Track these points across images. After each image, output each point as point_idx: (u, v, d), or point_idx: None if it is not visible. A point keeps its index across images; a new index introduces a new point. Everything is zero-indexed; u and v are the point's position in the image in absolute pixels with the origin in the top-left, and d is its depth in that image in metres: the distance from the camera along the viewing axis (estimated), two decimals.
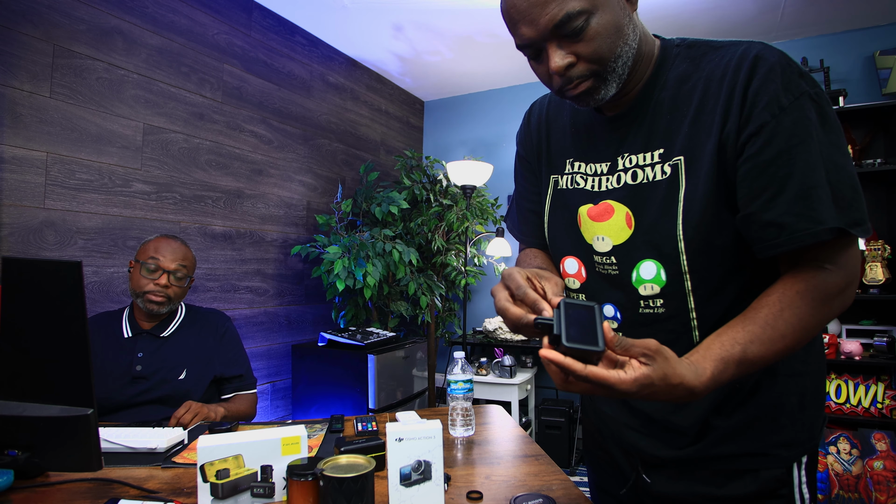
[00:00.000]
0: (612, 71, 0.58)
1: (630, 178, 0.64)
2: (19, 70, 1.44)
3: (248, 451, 0.67)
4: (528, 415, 2.74)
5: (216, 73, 2.03)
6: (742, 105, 0.55)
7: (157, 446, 0.89)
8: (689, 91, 0.60)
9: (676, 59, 0.63)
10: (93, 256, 1.62)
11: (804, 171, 0.53)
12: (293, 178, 2.40)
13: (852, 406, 2.14)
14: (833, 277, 0.54)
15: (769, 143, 0.54)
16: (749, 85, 0.55)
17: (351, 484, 0.57)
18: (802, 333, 0.53)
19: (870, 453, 2.03)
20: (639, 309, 0.65)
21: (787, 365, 0.63)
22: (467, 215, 2.65)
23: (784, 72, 0.54)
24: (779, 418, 0.63)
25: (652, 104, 0.63)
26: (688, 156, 0.60)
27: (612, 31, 0.56)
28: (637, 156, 0.64)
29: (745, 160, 0.56)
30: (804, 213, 0.52)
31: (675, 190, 0.60)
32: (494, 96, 3.26)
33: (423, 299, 2.49)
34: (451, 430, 1.02)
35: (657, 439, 0.68)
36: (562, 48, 0.56)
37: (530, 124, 0.80)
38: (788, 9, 2.26)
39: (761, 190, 0.55)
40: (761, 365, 0.53)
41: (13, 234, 1.43)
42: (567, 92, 0.60)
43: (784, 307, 0.53)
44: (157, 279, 1.27)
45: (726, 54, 0.58)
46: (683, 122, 0.60)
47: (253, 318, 2.19)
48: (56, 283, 0.66)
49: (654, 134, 0.63)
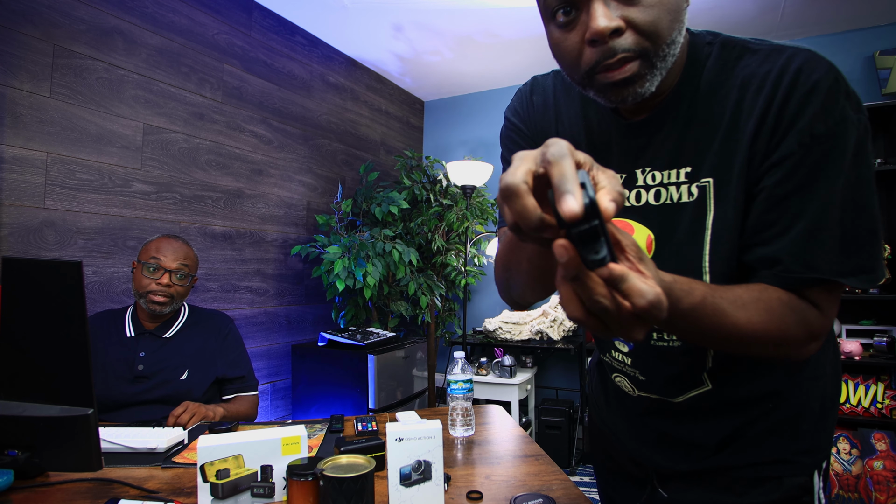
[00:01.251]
0: (662, 57, 0.47)
1: (653, 198, 0.57)
2: (19, 70, 1.44)
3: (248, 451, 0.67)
4: (527, 415, 2.74)
5: (216, 73, 2.03)
6: (775, 126, 0.49)
7: (157, 446, 0.89)
8: (722, 101, 0.53)
9: (708, 59, 0.54)
10: (93, 256, 1.62)
11: (817, 211, 0.48)
12: (293, 178, 2.40)
13: (852, 406, 2.14)
14: (812, 317, 0.50)
15: (789, 176, 0.48)
16: (786, 104, 0.48)
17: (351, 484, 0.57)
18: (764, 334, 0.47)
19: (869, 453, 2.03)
20: (651, 340, 0.61)
21: (810, 368, 0.61)
22: (467, 215, 2.65)
23: (828, 93, 0.47)
24: (801, 424, 0.61)
25: (681, 113, 0.54)
26: (718, 178, 0.53)
27: (673, 8, 0.46)
28: (662, 173, 0.56)
29: (761, 190, 0.50)
30: (800, 256, 0.48)
31: (703, 215, 0.54)
32: (494, 96, 3.26)
33: (423, 299, 2.49)
34: (451, 430, 1.02)
35: (673, 453, 0.66)
36: (610, 7, 0.45)
37: (533, 103, 0.67)
38: (788, 9, 2.26)
39: (768, 225, 0.50)
40: (719, 326, 0.46)
41: (13, 234, 1.43)
42: (602, 72, 0.47)
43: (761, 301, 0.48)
44: (158, 279, 1.27)
45: (766, 62, 0.50)
46: (714, 139, 0.53)
47: (253, 318, 2.19)
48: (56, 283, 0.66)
49: (682, 149, 0.55)
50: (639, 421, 0.69)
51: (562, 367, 2.96)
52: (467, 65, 2.88)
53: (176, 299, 1.31)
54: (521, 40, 2.55)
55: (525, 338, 2.71)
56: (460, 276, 2.74)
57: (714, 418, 0.62)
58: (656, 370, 0.63)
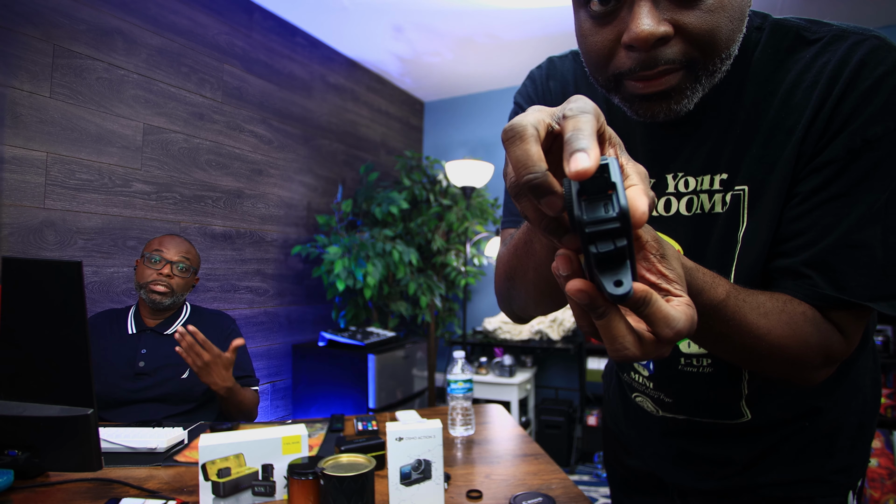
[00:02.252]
0: (710, 72, 0.40)
1: (685, 208, 0.49)
2: (19, 70, 1.44)
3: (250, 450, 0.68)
4: (527, 414, 2.74)
5: (216, 73, 2.03)
6: (826, 127, 0.42)
7: (157, 446, 0.89)
8: (767, 97, 0.45)
9: (756, 48, 0.45)
10: (93, 256, 1.62)
11: (854, 225, 0.41)
12: (293, 179, 2.40)
13: None
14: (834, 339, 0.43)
15: (828, 183, 0.42)
16: (842, 101, 0.41)
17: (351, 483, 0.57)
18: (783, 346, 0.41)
19: None
20: (678, 366, 0.54)
21: (850, 379, 0.55)
22: (467, 215, 2.65)
23: (894, 90, 0.40)
24: (838, 440, 0.55)
25: (721, 112, 0.47)
26: (753, 185, 0.45)
27: (738, 14, 0.39)
28: (696, 179, 0.48)
29: (795, 195, 0.44)
30: (831, 274, 0.42)
31: (735, 228, 0.47)
32: (494, 97, 3.26)
33: (423, 299, 2.49)
34: (450, 430, 1.02)
35: (697, 472, 0.60)
36: (659, 8, 0.37)
37: (550, 89, 0.58)
38: (785, 11, 2.26)
39: (797, 233, 0.44)
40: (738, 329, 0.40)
41: (13, 234, 1.43)
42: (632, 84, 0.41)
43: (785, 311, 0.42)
44: (160, 269, 1.30)
45: (823, 53, 0.43)
46: (753, 141, 0.45)
47: (253, 318, 2.19)
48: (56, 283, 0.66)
49: (721, 153, 0.47)
50: (661, 440, 0.64)
51: (561, 367, 2.96)
52: (467, 66, 2.88)
53: (176, 292, 1.32)
54: (520, 41, 2.56)
55: (525, 338, 2.71)
56: (460, 276, 2.75)
57: (747, 438, 0.56)
58: (684, 394, 0.57)
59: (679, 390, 0.57)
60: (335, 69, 2.69)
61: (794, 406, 0.55)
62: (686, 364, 0.54)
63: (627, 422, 0.70)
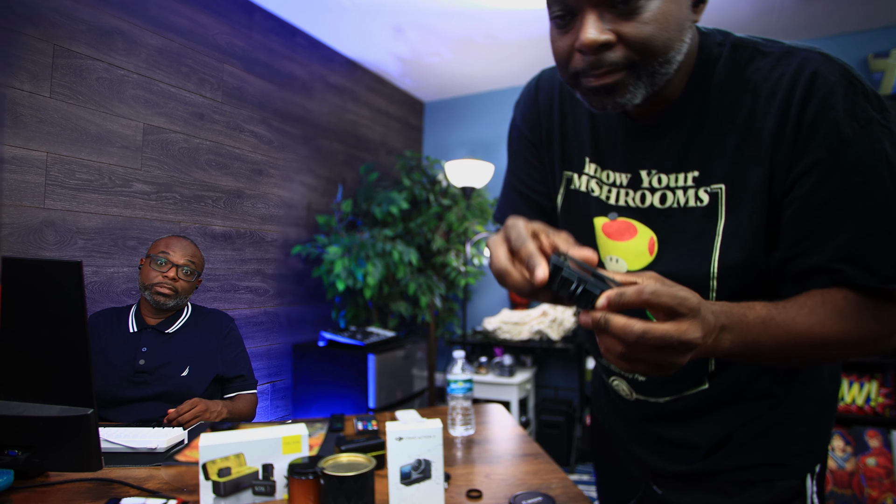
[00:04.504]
0: (651, 73, 0.47)
1: (658, 201, 0.56)
2: (19, 70, 1.44)
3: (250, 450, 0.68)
4: (527, 414, 2.74)
5: (216, 73, 2.03)
6: (796, 134, 0.47)
7: (158, 446, 0.89)
8: (732, 106, 0.51)
9: (718, 61, 0.53)
10: (93, 256, 1.62)
11: (863, 214, 0.45)
12: (293, 179, 2.40)
13: (846, 404, 2.15)
14: (886, 309, 0.47)
15: (822, 183, 0.46)
16: (804, 109, 0.46)
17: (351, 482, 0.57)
18: (842, 336, 0.46)
19: (863, 450, 2.04)
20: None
21: (805, 371, 0.60)
22: (467, 215, 2.65)
23: (847, 94, 0.45)
24: (794, 427, 0.60)
25: (689, 118, 0.53)
26: (730, 184, 0.51)
27: (673, 26, 0.46)
28: (668, 176, 0.55)
29: (794, 199, 0.48)
30: (857, 262, 0.45)
31: (713, 222, 0.53)
32: (494, 97, 3.26)
33: (422, 299, 2.49)
34: (450, 430, 1.02)
35: (668, 456, 0.66)
36: (603, 20, 0.45)
37: (538, 101, 0.67)
38: (784, 11, 2.27)
39: (808, 235, 0.47)
40: (794, 337, 0.45)
41: (13, 234, 1.43)
42: (585, 80, 0.48)
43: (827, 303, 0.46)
44: (166, 272, 1.30)
45: (777, 66, 0.49)
46: (725, 145, 0.52)
47: (253, 318, 2.19)
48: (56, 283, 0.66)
49: (689, 153, 0.54)
50: (636, 425, 0.69)
51: (561, 367, 2.96)
52: (467, 66, 2.88)
53: (180, 295, 1.33)
54: (520, 42, 2.56)
55: (525, 338, 2.71)
56: (460, 276, 2.75)
57: (709, 419, 0.62)
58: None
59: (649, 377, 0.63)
60: (335, 69, 2.69)
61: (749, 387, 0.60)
62: None
63: (609, 410, 0.76)
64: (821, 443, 0.62)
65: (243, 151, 2.15)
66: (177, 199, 1.88)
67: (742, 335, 0.44)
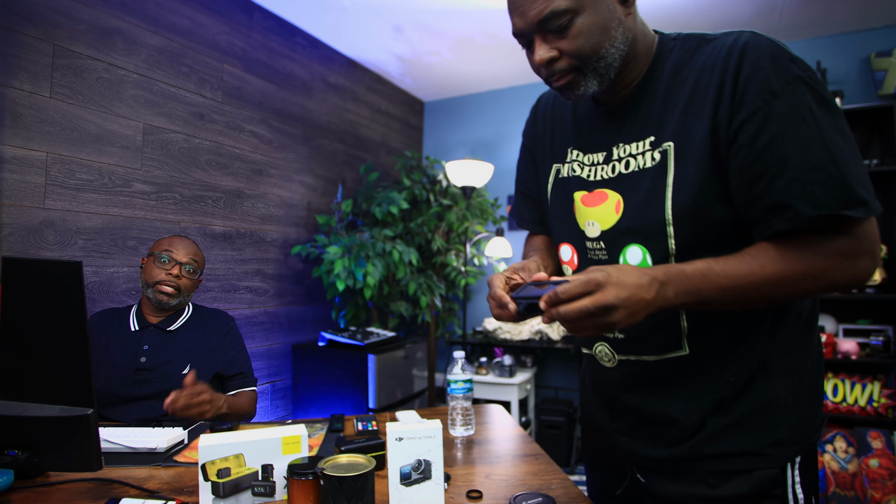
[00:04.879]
0: (592, 69, 0.61)
1: (623, 168, 0.66)
2: (19, 70, 1.44)
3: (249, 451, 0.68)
4: (527, 414, 2.74)
5: (216, 73, 2.03)
6: (733, 91, 0.56)
7: (157, 446, 0.89)
8: (682, 81, 0.62)
9: (672, 52, 0.64)
10: (93, 256, 1.62)
11: (802, 152, 0.53)
12: (293, 179, 2.40)
13: (849, 405, 2.15)
14: (836, 242, 0.54)
15: (763, 128, 0.54)
16: (739, 71, 0.56)
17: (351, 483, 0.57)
18: (787, 273, 0.53)
19: (866, 451, 2.03)
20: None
21: (781, 363, 0.63)
22: (467, 215, 2.65)
23: (775, 57, 0.55)
24: (773, 416, 0.63)
25: (647, 96, 0.65)
26: (677, 142, 0.61)
27: (597, 32, 0.59)
28: (630, 145, 0.66)
29: (740, 147, 0.56)
30: (804, 196, 0.52)
31: (664, 176, 0.61)
32: (494, 97, 3.26)
33: (423, 299, 2.49)
34: (451, 430, 1.02)
35: (649, 440, 0.69)
36: (547, 42, 0.61)
37: (536, 116, 0.84)
38: (786, 10, 2.26)
39: (759, 175, 0.55)
40: (736, 283, 0.54)
41: (13, 234, 1.43)
42: (551, 83, 0.65)
43: (770, 248, 0.55)
44: (169, 269, 1.31)
45: (718, 44, 0.59)
46: (675, 111, 0.62)
47: (253, 318, 2.19)
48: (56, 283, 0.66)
49: (646, 123, 0.65)
50: (619, 403, 0.72)
51: (561, 367, 2.96)
52: (467, 65, 2.88)
53: (182, 293, 1.34)
54: None
55: (525, 338, 2.71)
56: (460, 276, 2.75)
57: (685, 392, 0.65)
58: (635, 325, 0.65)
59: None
60: (335, 69, 2.69)
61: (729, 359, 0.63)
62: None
63: (594, 396, 0.79)
64: (802, 434, 0.64)
65: (243, 151, 2.15)
66: (177, 199, 1.88)
67: (684, 286, 0.54)
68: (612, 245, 0.67)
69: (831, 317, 2.30)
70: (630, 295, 0.51)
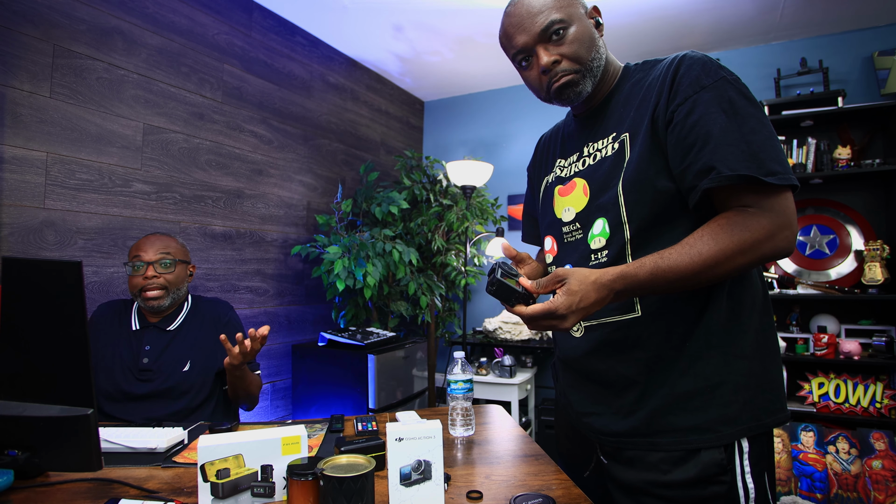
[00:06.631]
0: (588, 70, 0.76)
1: (592, 161, 0.81)
2: (19, 70, 1.44)
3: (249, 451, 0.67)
4: (527, 415, 2.74)
5: (216, 73, 2.03)
6: (671, 86, 0.70)
7: (157, 446, 0.89)
8: (639, 90, 0.77)
9: (634, 72, 0.80)
10: (93, 256, 1.62)
11: (723, 130, 0.65)
12: (293, 178, 2.40)
13: (851, 406, 2.14)
14: (757, 217, 0.63)
15: (692, 110, 0.67)
16: (677, 72, 0.70)
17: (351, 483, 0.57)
18: (721, 254, 0.62)
19: (868, 453, 2.03)
20: (589, 263, 0.78)
21: (726, 343, 0.69)
22: (467, 215, 2.65)
23: (705, 64, 0.69)
24: (723, 395, 0.68)
25: (612, 104, 0.81)
26: (631, 132, 0.75)
27: (587, 40, 0.76)
28: (598, 142, 0.81)
29: (675, 126, 0.68)
30: (724, 161, 0.64)
31: (621, 159, 0.75)
32: (494, 96, 3.26)
33: (423, 299, 2.49)
34: (451, 430, 1.02)
35: (609, 412, 0.76)
36: (548, 49, 0.75)
37: (538, 150, 1.01)
38: (787, 9, 2.26)
39: (689, 147, 0.67)
40: (681, 275, 0.63)
41: (13, 234, 1.43)
42: (552, 86, 0.77)
43: (704, 233, 0.64)
44: (144, 274, 1.28)
45: (666, 61, 0.74)
46: (631, 110, 0.77)
47: (253, 318, 2.19)
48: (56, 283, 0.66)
49: (610, 124, 0.80)
50: (583, 370, 0.80)
51: None
52: (467, 65, 2.88)
53: (171, 289, 1.31)
54: None
55: (525, 338, 2.71)
56: (460, 276, 2.75)
57: (646, 351, 0.72)
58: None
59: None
60: (335, 68, 2.69)
61: (676, 308, 0.71)
62: (594, 260, 0.77)
63: (564, 368, 0.87)
64: (751, 416, 0.68)
65: (243, 151, 2.15)
66: (177, 199, 1.88)
67: (638, 289, 0.66)
68: (585, 223, 0.80)
69: (833, 317, 2.29)
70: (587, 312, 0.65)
